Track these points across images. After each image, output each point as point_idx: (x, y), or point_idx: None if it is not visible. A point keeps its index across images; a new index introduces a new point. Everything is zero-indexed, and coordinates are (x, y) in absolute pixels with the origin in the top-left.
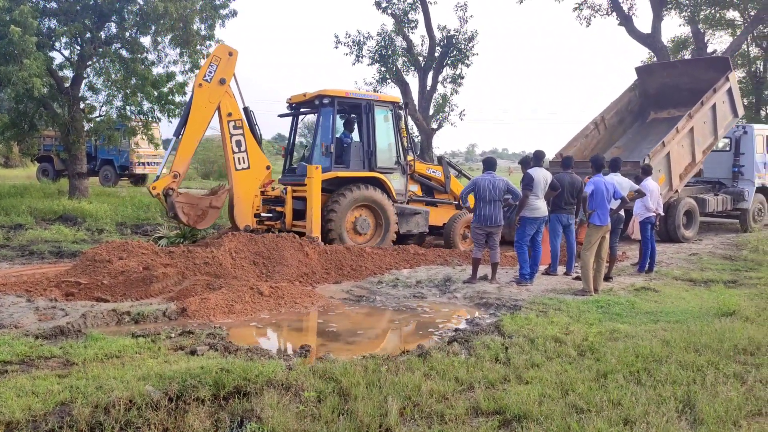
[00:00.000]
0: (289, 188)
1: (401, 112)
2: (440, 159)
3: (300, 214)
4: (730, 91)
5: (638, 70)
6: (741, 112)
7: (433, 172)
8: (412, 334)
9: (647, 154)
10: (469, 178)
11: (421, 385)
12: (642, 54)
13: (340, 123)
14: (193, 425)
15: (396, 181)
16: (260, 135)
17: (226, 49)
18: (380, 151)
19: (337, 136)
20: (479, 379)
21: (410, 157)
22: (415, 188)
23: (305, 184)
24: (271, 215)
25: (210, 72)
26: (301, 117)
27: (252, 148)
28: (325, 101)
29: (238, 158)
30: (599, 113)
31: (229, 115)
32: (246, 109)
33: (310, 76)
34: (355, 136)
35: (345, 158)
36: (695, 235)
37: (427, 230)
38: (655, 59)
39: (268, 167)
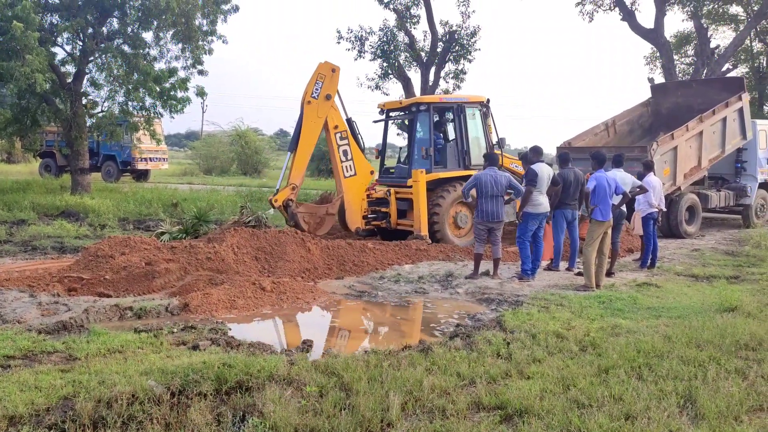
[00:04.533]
0: (392, 190)
1: (487, 110)
2: (520, 155)
3: (402, 213)
4: (741, 111)
5: (653, 88)
6: (749, 136)
7: (515, 166)
8: (414, 330)
9: (656, 140)
10: None
11: (422, 380)
12: (645, 49)
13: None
14: (195, 420)
15: None
16: (363, 143)
17: (329, 66)
18: (472, 149)
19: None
20: (481, 374)
21: (497, 152)
22: None
23: (408, 186)
24: (375, 216)
25: (316, 89)
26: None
27: (357, 155)
28: (422, 107)
29: (346, 166)
30: (611, 117)
31: (336, 127)
32: (349, 120)
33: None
34: (442, 135)
35: (441, 159)
36: (697, 230)
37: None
38: (658, 55)
39: (372, 172)
